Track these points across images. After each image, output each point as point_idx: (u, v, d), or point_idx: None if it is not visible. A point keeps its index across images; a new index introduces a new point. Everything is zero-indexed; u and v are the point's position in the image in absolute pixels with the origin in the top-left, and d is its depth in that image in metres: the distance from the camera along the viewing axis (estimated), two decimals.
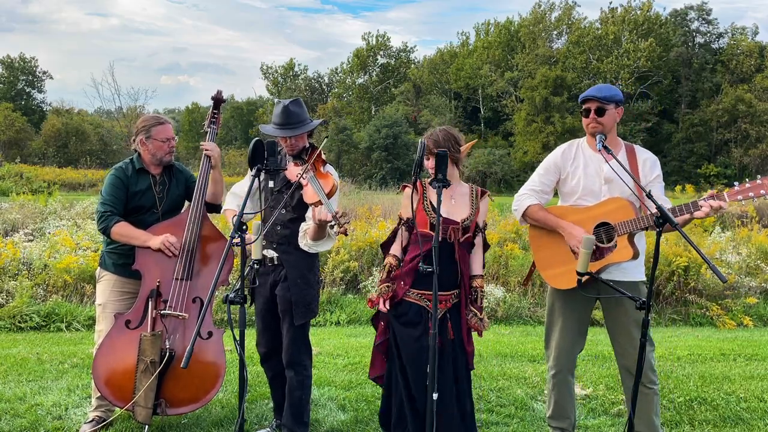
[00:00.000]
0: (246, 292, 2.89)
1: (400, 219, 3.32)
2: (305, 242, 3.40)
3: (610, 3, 52.82)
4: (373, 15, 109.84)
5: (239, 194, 3.64)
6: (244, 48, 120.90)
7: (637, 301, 2.78)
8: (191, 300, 3.62)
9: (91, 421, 3.70)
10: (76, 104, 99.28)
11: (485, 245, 3.36)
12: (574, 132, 45.14)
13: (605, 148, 3.12)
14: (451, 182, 3.07)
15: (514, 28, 54.29)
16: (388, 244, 3.38)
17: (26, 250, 7.78)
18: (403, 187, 3.32)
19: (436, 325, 2.75)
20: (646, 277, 3.29)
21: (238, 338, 2.77)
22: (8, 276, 7.15)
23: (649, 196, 2.82)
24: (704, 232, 11.00)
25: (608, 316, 3.43)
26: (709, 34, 50.15)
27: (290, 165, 3.53)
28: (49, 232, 9.18)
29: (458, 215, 3.22)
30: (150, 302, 3.55)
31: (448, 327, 3.18)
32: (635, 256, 3.18)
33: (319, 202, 3.15)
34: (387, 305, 3.20)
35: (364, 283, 8.12)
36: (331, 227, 3.07)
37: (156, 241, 3.55)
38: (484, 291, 3.27)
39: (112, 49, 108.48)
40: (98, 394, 3.68)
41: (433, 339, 2.73)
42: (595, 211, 3.26)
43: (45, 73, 61.42)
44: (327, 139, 3.83)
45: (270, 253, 3.53)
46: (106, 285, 3.78)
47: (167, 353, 3.49)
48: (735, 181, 3.27)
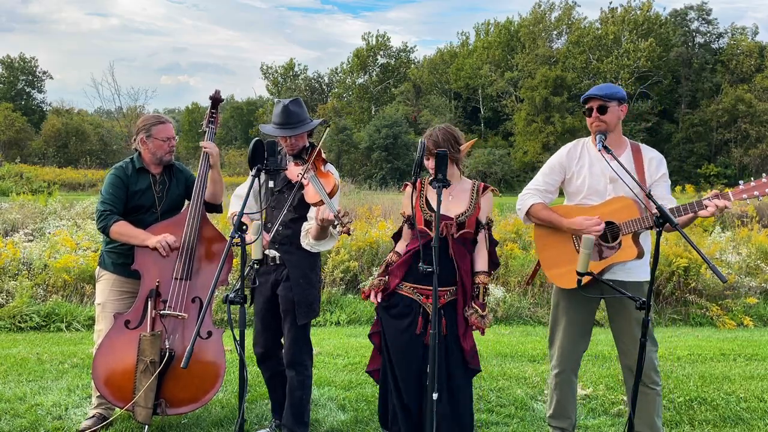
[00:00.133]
0: (246, 292, 2.88)
1: (403, 217, 3.37)
2: (307, 242, 3.40)
3: (610, 3, 52.86)
4: (373, 15, 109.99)
5: (242, 196, 3.63)
6: (244, 48, 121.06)
7: (637, 301, 2.78)
8: (191, 300, 3.62)
9: (92, 417, 3.71)
10: (76, 104, 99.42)
11: (492, 241, 3.31)
12: (574, 132, 45.10)
13: (605, 148, 3.12)
14: (452, 181, 3.07)
15: (514, 28, 54.28)
16: (397, 237, 3.44)
17: (26, 250, 7.77)
18: (405, 186, 3.36)
19: (435, 325, 2.74)
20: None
21: (238, 338, 2.76)
22: (8, 276, 7.15)
23: (649, 196, 2.81)
24: (704, 232, 10.99)
25: (612, 316, 3.42)
26: (709, 34, 50.15)
27: (291, 165, 3.52)
28: (49, 232, 9.18)
29: (453, 211, 3.21)
30: (149, 302, 3.55)
31: (442, 323, 3.16)
32: (640, 255, 3.17)
33: (321, 202, 3.14)
34: (378, 297, 3.25)
35: (364, 283, 8.11)
36: (334, 227, 3.07)
37: (153, 241, 3.55)
38: (487, 288, 3.22)
39: (112, 49, 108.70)
40: (98, 393, 3.68)
41: (433, 338, 2.72)
42: (599, 211, 3.25)
43: (45, 73, 61.49)
44: (329, 129, 3.82)
45: (272, 253, 3.53)
46: (106, 284, 3.78)
47: (167, 353, 3.49)
48: (735, 180, 3.27)
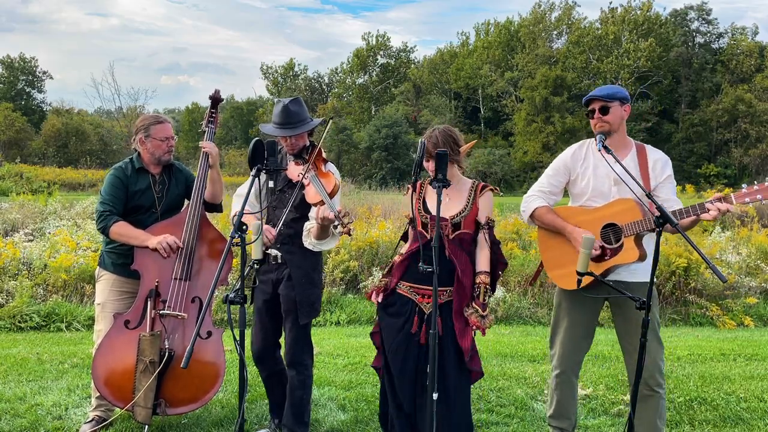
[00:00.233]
0: (246, 292, 2.88)
1: (407, 219, 3.43)
2: (309, 241, 3.41)
3: (610, 3, 52.83)
4: (373, 15, 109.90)
5: (244, 196, 3.64)
6: (244, 48, 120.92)
7: (636, 301, 2.78)
8: (190, 300, 3.62)
9: (91, 420, 3.70)
10: (76, 104, 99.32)
11: (494, 241, 3.30)
12: (574, 132, 45.10)
13: (605, 148, 3.11)
14: (451, 182, 3.07)
15: (514, 28, 54.27)
16: (405, 238, 3.48)
17: (26, 250, 7.78)
18: (408, 189, 3.36)
19: (434, 325, 2.74)
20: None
21: (238, 338, 2.76)
22: (8, 276, 7.15)
23: (649, 197, 2.81)
24: (704, 232, 10.98)
25: (616, 317, 3.40)
26: (709, 34, 50.14)
27: (291, 164, 3.52)
28: (49, 232, 9.18)
29: (448, 212, 3.20)
30: (149, 302, 3.55)
31: (438, 323, 3.16)
32: (642, 257, 3.14)
33: (322, 202, 3.15)
34: (379, 298, 3.31)
35: (364, 283, 8.11)
36: (335, 227, 3.08)
37: (153, 241, 3.55)
38: (488, 287, 3.20)
39: (112, 49, 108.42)
40: (98, 394, 3.68)
41: (433, 339, 2.73)
42: (602, 212, 3.24)
43: (45, 73, 61.43)
44: (332, 121, 3.81)
45: (274, 252, 3.53)
46: (106, 284, 3.78)
47: (166, 353, 3.49)
48: (735, 180, 3.27)
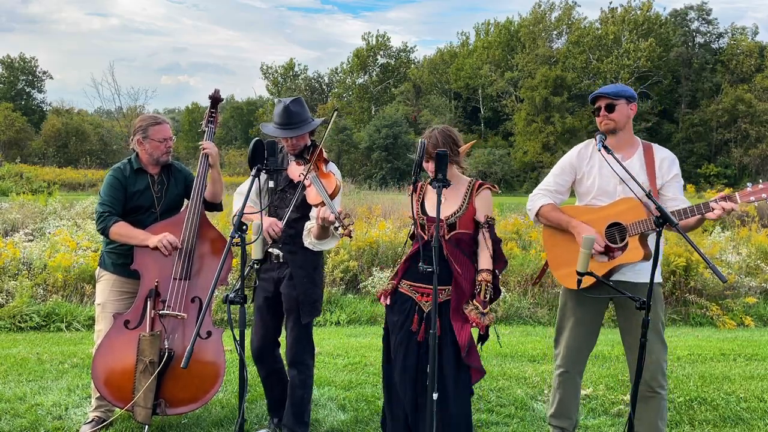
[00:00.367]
0: (246, 292, 2.89)
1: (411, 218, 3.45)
2: (309, 241, 3.41)
3: (610, 3, 52.88)
4: (373, 15, 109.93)
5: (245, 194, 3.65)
6: (244, 48, 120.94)
7: (636, 301, 2.77)
8: (190, 300, 3.62)
9: (91, 421, 3.70)
10: (76, 104, 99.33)
11: (495, 239, 3.28)
12: (574, 132, 45.12)
13: (605, 147, 3.11)
14: (451, 182, 3.07)
15: (514, 28, 54.29)
16: (413, 237, 3.48)
17: (26, 250, 7.77)
18: (412, 187, 3.39)
19: (434, 325, 2.74)
20: (663, 278, 3.25)
21: (237, 338, 2.76)
22: (8, 276, 7.14)
23: (649, 196, 2.81)
24: (704, 232, 10.97)
25: (620, 317, 3.38)
26: (709, 34, 50.17)
27: (292, 164, 3.53)
28: (49, 232, 9.17)
29: (444, 212, 3.19)
30: (148, 302, 3.55)
31: (437, 322, 3.16)
32: (647, 257, 3.12)
33: (323, 203, 3.16)
34: (388, 300, 3.35)
35: (364, 283, 8.11)
36: (336, 229, 3.09)
37: (154, 240, 3.55)
38: (490, 285, 3.19)
39: (112, 49, 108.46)
40: (98, 394, 3.68)
41: (433, 339, 2.73)
42: (607, 212, 3.23)
43: (45, 73, 61.52)
44: (336, 113, 3.80)
45: (275, 251, 3.54)
46: (106, 285, 3.78)
47: (166, 353, 3.49)
48: (735, 180, 3.26)
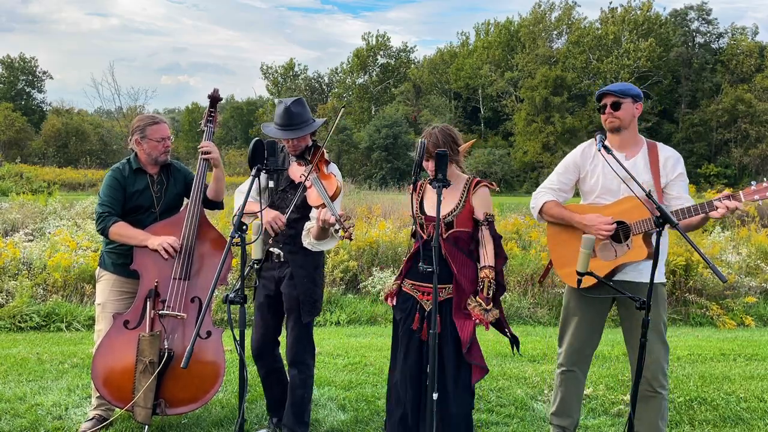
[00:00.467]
0: (246, 292, 2.89)
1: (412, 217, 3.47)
2: (308, 241, 3.41)
3: (610, 3, 52.86)
4: (373, 15, 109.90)
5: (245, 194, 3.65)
6: (244, 48, 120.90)
7: (636, 301, 2.77)
8: (190, 300, 3.61)
9: (92, 419, 3.70)
10: (76, 104, 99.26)
11: (495, 236, 3.25)
12: (574, 132, 45.11)
13: (605, 147, 3.11)
14: (451, 182, 3.07)
15: (514, 28, 54.29)
16: (415, 236, 3.48)
17: (26, 250, 7.77)
18: (412, 186, 3.40)
19: (434, 325, 2.74)
20: (666, 278, 3.24)
21: (238, 338, 2.76)
22: (8, 276, 7.14)
23: (649, 196, 2.81)
24: (704, 232, 10.96)
25: (623, 316, 3.37)
26: (709, 34, 50.16)
27: (294, 164, 3.53)
28: (49, 232, 9.17)
29: (441, 211, 3.18)
30: (148, 302, 3.55)
31: (437, 321, 3.17)
32: (651, 256, 3.09)
33: (323, 205, 3.17)
34: (394, 301, 3.40)
35: (364, 283, 8.11)
36: (336, 231, 3.09)
37: (154, 242, 3.55)
38: (492, 281, 3.17)
39: (112, 49, 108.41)
40: (98, 394, 3.68)
41: (433, 338, 2.73)
42: (610, 210, 3.22)
43: (45, 73, 61.51)
44: (343, 110, 3.83)
45: (276, 250, 3.55)
46: (106, 285, 3.78)
47: (166, 353, 3.49)
48: (735, 180, 3.25)
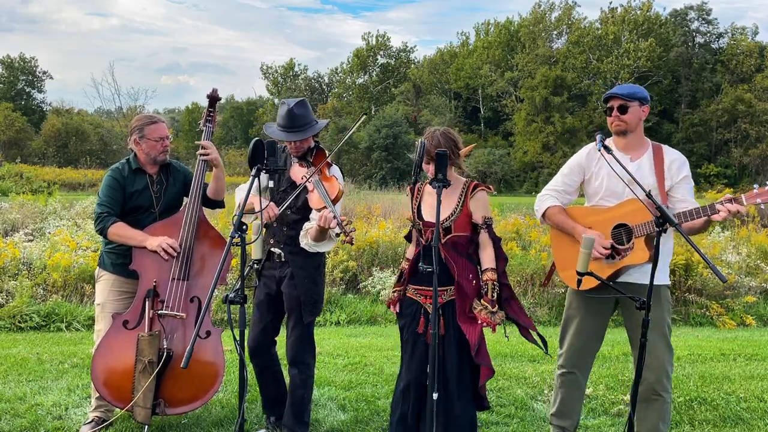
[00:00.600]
0: (246, 292, 2.89)
1: (409, 220, 3.46)
2: (306, 242, 3.41)
3: (610, 3, 52.80)
4: (373, 15, 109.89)
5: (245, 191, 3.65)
6: (244, 48, 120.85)
7: (636, 301, 2.77)
8: (189, 300, 3.61)
9: (91, 421, 3.70)
10: (76, 104, 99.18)
11: (494, 238, 3.27)
12: (574, 132, 45.12)
13: (605, 147, 3.10)
14: (451, 182, 3.07)
15: (514, 28, 54.29)
16: (409, 236, 3.49)
17: (26, 250, 7.77)
18: (410, 188, 3.41)
19: (435, 325, 2.74)
20: (673, 281, 3.22)
21: (237, 338, 2.76)
22: (8, 276, 7.14)
23: (649, 196, 2.81)
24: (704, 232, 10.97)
25: (626, 318, 3.36)
26: (709, 34, 50.15)
27: (295, 165, 3.53)
28: (49, 232, 9.17)
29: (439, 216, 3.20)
30: (147, 302, 3.55)
31: (440, 323, 3.17)
32: (652, 259, 3.13)
33: (325, 207, 3.17)
34: (397, 308, 3.39)
35: (364, 283, 8.12)
36: (337, 235, 3.10)
37: (154, 243, 3.55)
38: (496, 284, 3.18)
39: (112, 49, 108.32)
40: (98, 395, 3.68)
41: (433, 338, 2.73)
42: (613, 213, 3.22)
43: (45, 73, 61.49)
44: (364, 117, 3.85)
45: (277, 250, 3.55)
46: (105, 285, 3.78)
47: (165, 353, 3.49)
48: (735, 180, 3.25)
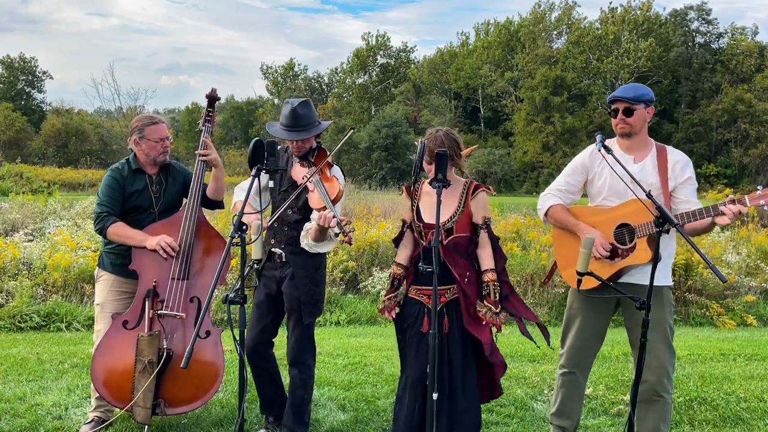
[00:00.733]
0: (246, 292, 2.88)
1: (403, 222, 3.42)
2: (306, 242, 3.41)
3: (610, 3, 52.81)
4: (373, 15, 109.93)
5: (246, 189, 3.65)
6: (244, 48, 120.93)
7: (636, 301, 2.77)
8: (188, 300, 3.61)
9: (91, 421, 3.70)
10: (76, 104, 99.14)
11: (493, 238, 3.28)
12: (574, 132, 45.12)
13: (605, 148, 3.10)
14: (451, 182, 3.07)
15: (514, 28, 54.28)
16: (398, 240, 3.45)
17: (26, 250, 7.76)
18: (406, 188, 3.38)
19: (435, 325, 2.74)
20: (673, 281, 3.22)
21: (237, 338, 2.76)
22: (8, 276, 7.14)
23: (649, 195, 2.81)
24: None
25: (627, 318, 3.36)
26: (709, 34, 50.16)
27: (296, 165, 3.53)
28: (49, 232, 9.17)
29: (440, 218, 3.18)
30: (147, 302, 3.55)
31: (444, 322, 3.18)
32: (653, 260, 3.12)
33: (325, 207, 3.17)
34: (393, 314, 3.37)
35: (363, 283, 8.12)
36: (336, 235, 3.10)
37: (153, 242, 3.54)
38: (497, 284, 3.18)
39: (112, 49, 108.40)
40: (97, 395, 3.67)
41: (433, 338, 2.73)
42: (615, 213, 3.22)
43: (45, 73, 61.48)
44: (352, 131, 3.85)
45: (278, 251, 3.55)
46: (105, 285, 3.77)
47: (165, 353, 3.49)
48: (735, 181, 3.25)
